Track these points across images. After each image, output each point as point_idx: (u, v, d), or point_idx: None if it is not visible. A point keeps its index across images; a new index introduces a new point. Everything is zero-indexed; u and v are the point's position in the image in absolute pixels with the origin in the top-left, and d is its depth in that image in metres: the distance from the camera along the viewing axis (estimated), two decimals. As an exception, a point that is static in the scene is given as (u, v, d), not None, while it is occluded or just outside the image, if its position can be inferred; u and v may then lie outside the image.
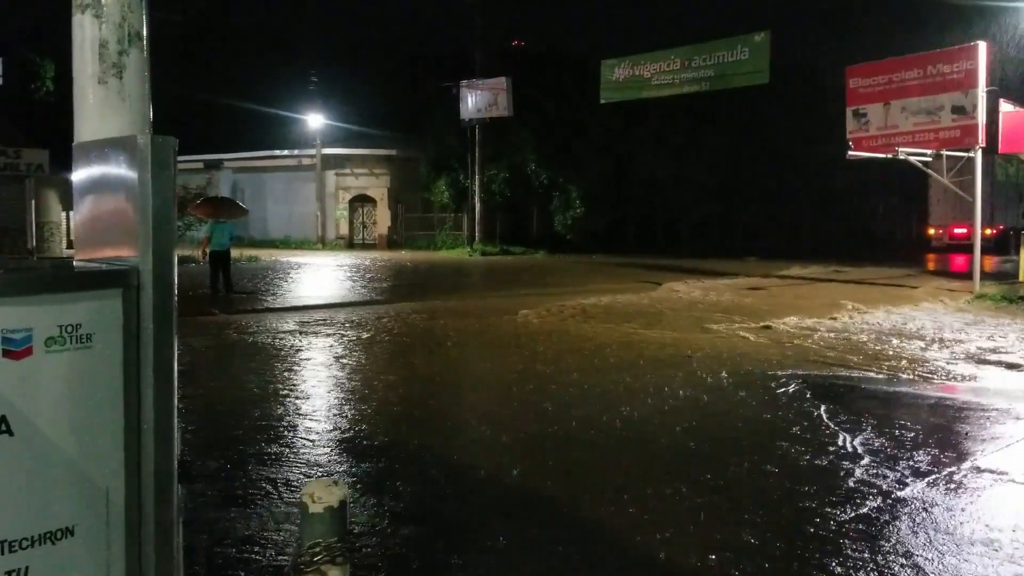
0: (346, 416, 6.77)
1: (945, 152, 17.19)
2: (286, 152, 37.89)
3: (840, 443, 5.88)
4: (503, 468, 5.41)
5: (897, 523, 4.38)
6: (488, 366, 9.36)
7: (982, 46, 15.98)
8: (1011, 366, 8.79)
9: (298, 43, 42.33)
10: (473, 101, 32.83)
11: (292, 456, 5.59)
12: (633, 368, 8.81)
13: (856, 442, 5.90)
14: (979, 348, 9.78)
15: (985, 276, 16.18)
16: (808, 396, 7.40)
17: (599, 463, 5.58)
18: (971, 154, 16.15)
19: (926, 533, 4.27)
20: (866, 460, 5.48)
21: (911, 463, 5.41)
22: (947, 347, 9.88)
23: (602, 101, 25.01)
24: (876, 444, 5.85)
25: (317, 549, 2.08)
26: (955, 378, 8.31)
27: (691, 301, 15.09)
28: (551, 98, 32.80)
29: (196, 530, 4.07)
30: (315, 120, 36.23)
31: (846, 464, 5.39)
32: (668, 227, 31.99)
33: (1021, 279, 16.97)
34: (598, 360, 9.33)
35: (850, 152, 18.39)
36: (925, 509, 4.60)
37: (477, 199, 33.32)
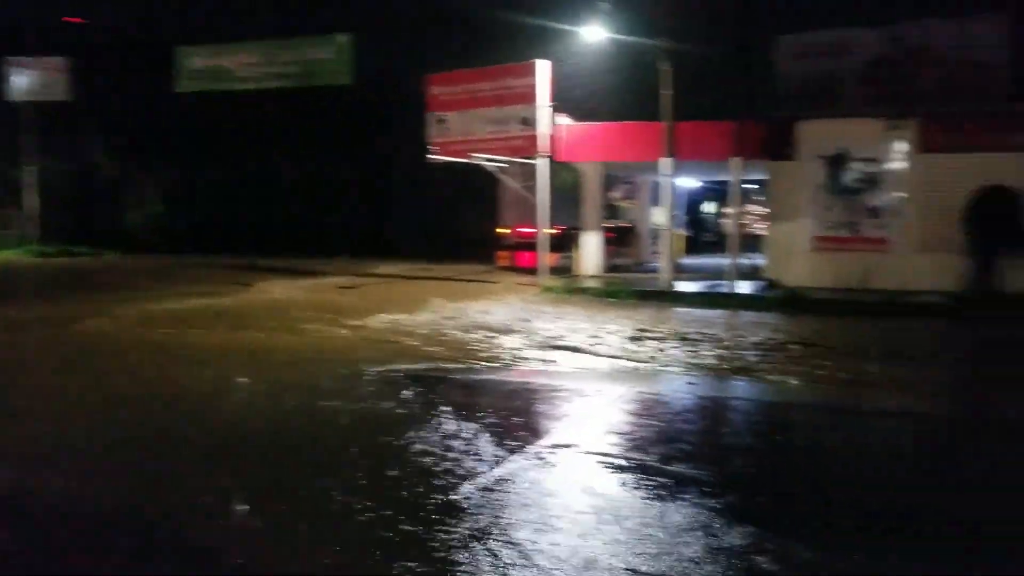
0: None
1: (515, 159, 18.90)
2: None
3: (435, 430, 5.97)
4: (92, 492, 4.54)
5: (493, 501, 4.51)
6: (52, 386, 7.97)
7: (541, 64, 17.81)
8: (575, 350, 9.82)
9: None
10: (24, 81, 28.41)
11: None
12: (220, 375, 8.14)
13: (449, 428, 6.05)
14: (548, 336, 10.80)
15: (551, 271, 18.12)
16: (402, 388, 7.46)
17: (188, 473, 4.95)
18: (535, 161, 17.97)
19: (520, 507, 4.45)
20: (459, 444, 5.62)
21: (500, 443, 5.68)
22: (523, 336, 10.76)
23: (179, 90, 23.32)
24: (468, 429, 6.05)
25: None
26: (531, 364, 9.03)
27: (284, 301, 14.61)
28: (125, 86, 29.61)
29: None
30: None
31: (441, 449, 5.49)
32: (259, 227, 30.74)
33: (575, 272, 19.39)
34: (181, 369, 8.47)
35: (430, 156, 19.35)
36: (515, 485, 4.83)
37: (32, 192, 28.88)
